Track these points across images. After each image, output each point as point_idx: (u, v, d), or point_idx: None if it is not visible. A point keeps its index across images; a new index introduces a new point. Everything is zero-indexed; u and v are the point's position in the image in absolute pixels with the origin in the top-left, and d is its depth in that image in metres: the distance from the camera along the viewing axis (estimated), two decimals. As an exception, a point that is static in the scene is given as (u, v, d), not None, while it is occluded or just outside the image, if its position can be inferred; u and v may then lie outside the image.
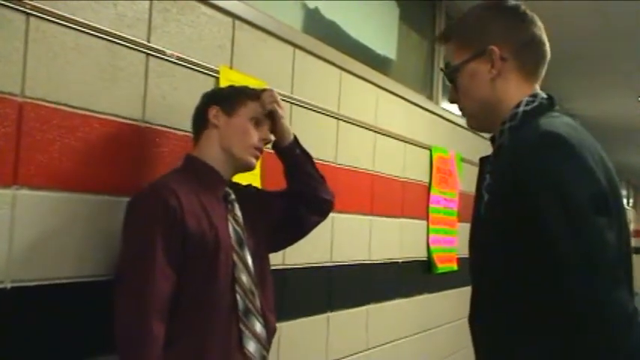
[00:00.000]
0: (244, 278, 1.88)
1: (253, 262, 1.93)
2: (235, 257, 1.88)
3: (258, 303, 1.92)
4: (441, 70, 1.60)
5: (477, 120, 1.60)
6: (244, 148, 1.93)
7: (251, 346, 1.87)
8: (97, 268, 1.86)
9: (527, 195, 1.32)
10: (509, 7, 1.55)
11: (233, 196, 1.96)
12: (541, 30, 1.55)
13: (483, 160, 1.59)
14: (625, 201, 15.61)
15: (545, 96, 1.52)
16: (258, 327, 1.90)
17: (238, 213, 1.95)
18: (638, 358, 1.26)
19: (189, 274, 1.77)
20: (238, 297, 1.86)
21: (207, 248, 1.81)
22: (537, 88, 1.55)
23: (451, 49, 1.59)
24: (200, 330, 1.78)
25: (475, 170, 1.60)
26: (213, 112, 1.93)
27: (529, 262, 1.33)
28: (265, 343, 1.93)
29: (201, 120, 1.96)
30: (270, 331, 1.97)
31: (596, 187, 1.33)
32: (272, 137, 2.02)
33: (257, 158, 1.97)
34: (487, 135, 1.61)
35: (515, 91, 1.51)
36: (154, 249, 1.71)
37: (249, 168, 1.98)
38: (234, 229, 1.91)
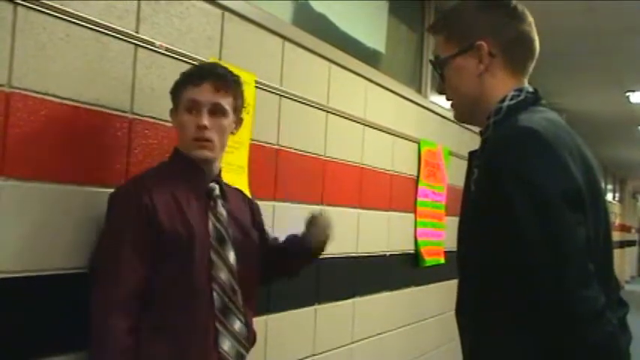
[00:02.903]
0: (223, 276, 1.85)
1: (239, 259, 1.90)
2: (213, 254, 1.85)
3: (240, 300, 1.89)
4: (430, 61, 1.60)
5: (462, 113, 1.61)
6: (187, 145, 1.87)
7: (226, 345, 1.84)
8: (86, 259, 1.85)
9: (500, 190, 1.33)
10: (499, 2, 1.55)
11: (218, 192, 1.92)
12: (531, 26, 1.54)
13: (472, 154, 1.60)
14: (611, 195, 15.71)
15: (531, 90, 1.52)
16: (238, 325, 1.87)
17: (221, 210, 1.91)
18: (602, 354, 1.27)
19: (164, 272, 1.77)
20: (215, 295, 1.83)
21: (180, 245, 1.80)
22: (525, 82, 1.55)
23: (440, 42, 1.58)
24: (176, 328, 1.77)
25: (463, 164, 1.61)
26: (170, 114, 1.95)
27: (503, 257, 1.35)
28: (245, 341, 1.90)
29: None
30: (251, 330, 1.95)
31: (570, 183, 1.32)
32: (206, 122, 1.83)
33: (206, 148, 1.85)
34: (475, 128, 1.62)
35: (502, 87, 1.51)
36: (121, 246, 1.73)
37: (202, 162, 1.88)
38: (215, 225, 1.88)
